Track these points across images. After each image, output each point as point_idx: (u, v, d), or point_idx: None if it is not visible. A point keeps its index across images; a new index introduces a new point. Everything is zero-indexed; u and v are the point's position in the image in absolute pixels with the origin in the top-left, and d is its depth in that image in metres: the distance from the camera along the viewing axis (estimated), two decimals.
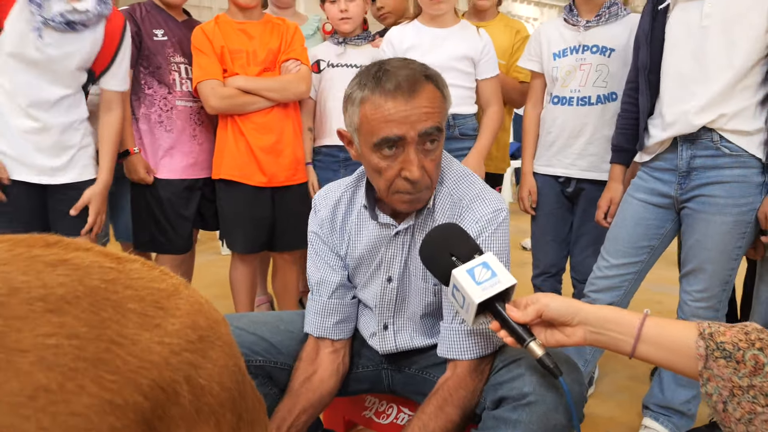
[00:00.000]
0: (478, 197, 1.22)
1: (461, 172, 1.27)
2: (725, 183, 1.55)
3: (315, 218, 1.36)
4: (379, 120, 1.11)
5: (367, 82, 1.13)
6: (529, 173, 2.10)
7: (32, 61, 1.65)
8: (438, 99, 1.15)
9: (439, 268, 1.05)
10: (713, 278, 1.61)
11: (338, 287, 1.34)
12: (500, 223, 1.19)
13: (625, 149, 1.80)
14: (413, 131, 1.10)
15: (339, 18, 2.10)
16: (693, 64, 1.56)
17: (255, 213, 2.09)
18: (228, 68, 1.99)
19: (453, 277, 1.00)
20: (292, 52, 2.05)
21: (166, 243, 2.13)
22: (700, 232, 1.60)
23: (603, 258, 1.79)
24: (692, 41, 1.55)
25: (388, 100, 1.10)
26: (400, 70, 1.12)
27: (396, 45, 2.01)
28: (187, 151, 2.09)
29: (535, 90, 2.10)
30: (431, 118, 1.12)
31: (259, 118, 2.01)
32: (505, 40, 2.25)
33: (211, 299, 0.69)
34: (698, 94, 1.55)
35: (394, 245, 1.27)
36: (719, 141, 1.55)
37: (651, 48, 1.65)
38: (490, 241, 1.18)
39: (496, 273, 0.99)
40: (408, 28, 2.04)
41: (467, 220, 1.20)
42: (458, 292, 1.00)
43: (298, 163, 2.12)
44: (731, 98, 1.52)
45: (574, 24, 1.94)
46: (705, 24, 1.53)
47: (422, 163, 1.13)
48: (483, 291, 0.97)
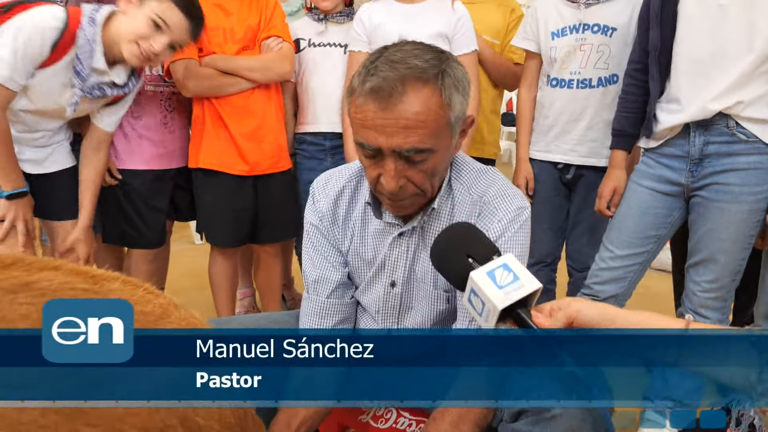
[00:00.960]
0: (501, 194, 1.12)
1: (479, 168, 1.17)
2: (740, 170, 1.50)
3: (314, 209, 1.24)
4: (358, 122, 1.00)
5: (361, 71, 1.01)
6: (525, 160, 2.01)
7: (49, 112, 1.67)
8: (433, 109, 0.98)
9: (454, 270, 0.94)
10: (725, 268, 1.57)
11: (338, 286, 1.23)
12: (523, 222, 1.11)
13: (628, 134, 1.72)
14: (389, 145, 0.98)
15: None
16: (710, 46, 1.49)
17: (237, 204, 1.97)
18: (204, 47, 1.85)
19: (471, 281, 0.89)
20: (273, 28, 1.92)
21: (137, 237, 1.99)
22: (712, 221, 1.55)
23: (607, 248, 1.72)
24: (709, 22, 1.49)
25: (368, 101, 0.98)
26: (391, 66, 0.98)
27: (366, 23, 1.92)
28: (158, 140, 1.94)
29: (531, 71, 2.00)
30: (413, 134, 0.97)
31: (239, 101, 1.88)
32: (499, 20, 2.16)
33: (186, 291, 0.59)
34: (715, 79, 1.49)
35: (397, 247, 1.17)
36: (735, 127, 1.50)
37: (662, 28, 1.57)
38: (513, 240, 1.10)
39: (519, 276, 0.88)
40: (378, 4, 1.95)
41: (489, 218, 1.11)
42: (476, 297, 0.90)
43: (281, 149, 2.00)
44: (749, 84, 1.47)
45: (574, 1, 1.85)
46: (723, 3, 1.46)
47: (405, 174, 1.01)
48: (506, 295, 0.86)
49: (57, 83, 1.60)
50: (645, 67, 1.65)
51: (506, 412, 1.03)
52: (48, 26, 1.52)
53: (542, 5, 1.94)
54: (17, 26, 1.50)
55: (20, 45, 1.49)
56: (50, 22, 1.52)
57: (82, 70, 1.58)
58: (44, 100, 1.62)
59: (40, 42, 1.51)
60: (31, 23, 1.50)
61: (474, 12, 2.09)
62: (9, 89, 1.53)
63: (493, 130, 2.29)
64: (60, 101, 1.63)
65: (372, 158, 1.02)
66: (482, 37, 2.10)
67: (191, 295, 2.62)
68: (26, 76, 1.54)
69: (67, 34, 1.54)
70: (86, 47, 1.56)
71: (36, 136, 1.70)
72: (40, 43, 1.51)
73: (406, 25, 1.85)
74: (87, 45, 1.56)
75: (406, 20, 1.88)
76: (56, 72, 1.58)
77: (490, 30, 2.13)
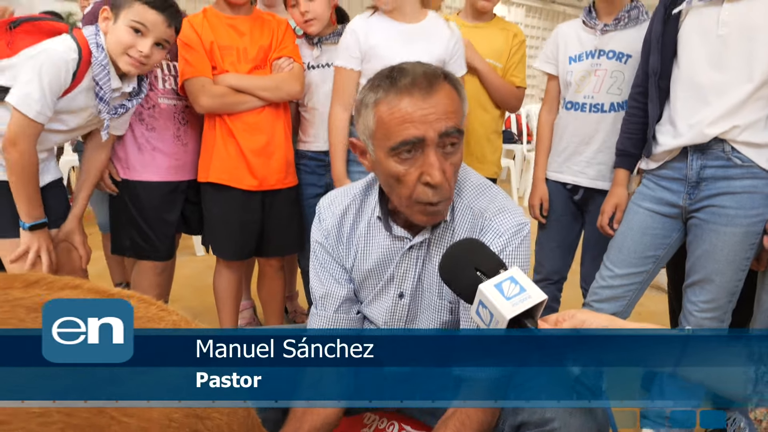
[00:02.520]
0: (501, 210, 1.16)
1: (480, 183, 1.21)
2: (735, 194, 1.54)
3: (320, 227, 1.28)
4: (396, 121, 1.04)
5: (381, 83, 1.07)
6: (541, 180, 2.05)
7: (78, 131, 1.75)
8: (456, 99, 1.09)
9: (463, 283, 0.98)
10: (721, 289, 1.60)
11: (344, 301, 1.26)
12: (524, 237, 1.15)
13: (631, 154, 1.77)
14: (433, 131, 1.04)
15: (303, 21, 2.00)
16: (710, 73, 1.53)
17: (245, 218, 2.00)
18: (218, 65, 1.90)
19: (480, 293, 0.94)
20: (284, 49, 1.96)
21: (148, 249, 2.01)
22: (709, 243, 1.58)
23: (607, 267, 1.76)
24: (708, 49, 1.53)
25: (404, 97, 1.04)
26: (416, 67, 1.06)
27: (362, 40, 1.85)
28: (170, 152, 1.98)
29: (551, 94, 2.05)
30: (451, 117, 1.05)
31: (249, 118, 1.92)
32: (502, 44, 2.20)
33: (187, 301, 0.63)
34: (713, 105, 1.52)
35: (407, 259, 1.20)
36: (731, 152, 1.53)
37: (662, 54, 1.62)
38: (514, 255, 1.13)
39: (525, 288, 0.93)
40: (374, 21, 1.89)
41: (490, 233, 1.14)
42: (485, 309, 0.94)
43: (289, 165, 2.03)
44: (744, 109, 1.50)
45: (592, 27, 1.89)
46: (722, 33, 1.50)
47: (443, 167, 1.06)
48: (513, 306, 0.90)
49: (78, 105, 1.67)
50: (646, 90, 1.69)
51: (506, 425, 1.06)
52: (68, 59, 1.60)
53: (564, 30, 1.98)
54: (40, 63, 1.57)
55: (46, 82, 1.57)
56: (69, 55, 1.60)
57: (105, 95, 1.66)
58: (76, 119, 1.70)
59: (64, 75, 1.60)
60: (52, 60, 1.58)
61: (478, 36, 2.15)
62: (38, 123, 1.60)
63: (495, 150, 2.32)
64: (85, 119, 1.71)
65: (410, 159, 1.06)
66: (485, 60, 2.14)
67: (192, 306, 2.64)
68: (53, 107, 1.61)
69: (83, 62, 1.63)
70: (102, 72, 1.64)
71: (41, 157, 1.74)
72: (64, 76, 1.60)
73: (405, 48, 1.83)
74: (102, 70, 1.64)
75: (405, 42, 1.86)
76: (75, 97, 1.65)
77: (494, 53, 2.17)
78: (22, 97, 1.56)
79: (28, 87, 1.56)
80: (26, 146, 1.59)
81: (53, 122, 1.66)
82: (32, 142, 1.61)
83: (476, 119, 2.17)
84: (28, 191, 1.64)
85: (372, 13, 1.90)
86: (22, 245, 1.67)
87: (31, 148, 1.61)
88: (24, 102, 1.56)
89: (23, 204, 1.65)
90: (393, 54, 1.76)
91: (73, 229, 1.82)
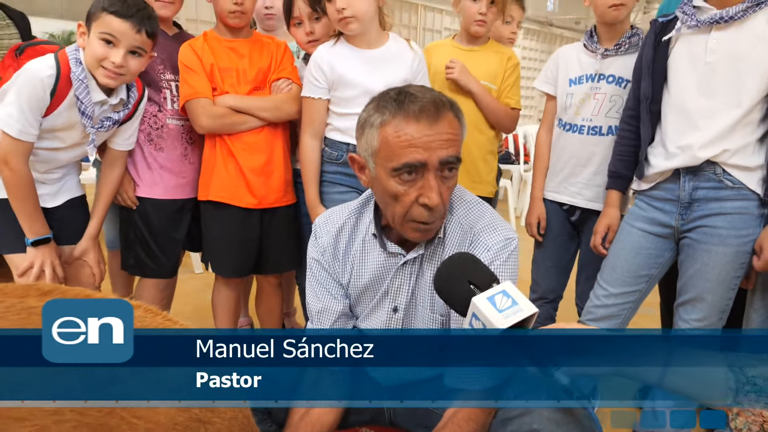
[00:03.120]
0: (489, 226, 1.20)
1: (471, 200, 1.26)
2: (727, 214, 1.58)
3: (316, 244, 1.32)
4: (401, 144, 1.09)
5: (387, 104, 1.12)
6: (539, 199, 2.08)
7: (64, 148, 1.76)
8: (458, 128, 1.14)
9: (457, 296, 1.02)
10: (712, 308, 1.63)
11: (340, 316, 1.30)
12: (511, 251, 1.18)
13: (623, 176, 1.81)
14: (435, 157, 1.09)
15: (306, 42, 2.03)
16: (699, 99, 1.57)
17: (244, 236, 2.02)
18: (218, 87, 1.94)
19: (473, 305, 0.97)
20: (283, 71, 2.01)
21: (154, 267, 2.04)
22: (700, 262, 1.62)
23: (601, 287, 1.79)
24: (697, 75, 1.57)
25: (412, 123, 1.08)
26: (424, 94, 1.11)
27: (326, 71, 1.85)
28: (178, 171, 2.02)
29: (550, 114, 2.08)
30: (453, 145, 1.11)
31: (249, 138, 1.96)
32: (497, 66, 2.23)
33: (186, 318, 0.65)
34: (703, 129, 1.57)
35: (401, 275, 1.24)
36: (722, 174, 1.57)
37: (653, 79, 1.66)
38: (502, 269, 1.17)
39: (517, 301, 0.96)
40: (336, 50, 1.88)
41: (478, 248, 1.18)
42: (478, 321, 0.97)
43: (287, 184, 2.06)
44: (734, 134, 1.55)
45: (593, 51, 1.93)
46: (710, 60, 1.55)
47: (440, 189, 1.11)
48: (505, 318, 0.94)
49: (64, 121, 1.70)
50: (638, 114, 1.73)
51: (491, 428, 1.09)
52: (44, 76, 1.63)
53: (565, 52, 2.03)
54: (19, 83, 1.62)
55: (24, 101, 1.61)
56: (45, 72, 1.63)
57: (86, 109, 1.69)
58: (72, 135, 1.74)
59: (42, 92, 1.63)
60: (28, 79, 1.62)
61: (473, 59, 2.19)
62: (24, 141, 1.64)
63: (491, 170, 2.34)
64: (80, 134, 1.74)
65: (410, 181, 1.11)
66: (480, 82, 2.19)
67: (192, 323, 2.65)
68: (37, 125, 1.65)
69: (63, 79, 1.65)
70: (81, 87, 1.67)
71: (55, 175, 1.80)
72: (42, 93, 1.63)
73: (371, 74, 1.85)
74: (81, 85, 1.67)
75: (370, 68, 1.86)
76: (60, 113, 1.68)
77: (488, 76, 2.21)
78: (4, 118, 1.61)
79: (9, 107, 1.61)
80: (17, 165, 1.63)
81: (49, 140, 1.70)
82: (22, 161, 1.64)
83: (472, 140, 2.19)
84: (27, 208, 1.68)
85: (336, 41, 1.90)
86: (26, 260, 1.71)
87: (22, 167, 1.65)
88: (6, 122, 1.61)
89: (24, 220, 1.69)
90: (361, 80, 1.82)
91: (87, 247, 1.86)
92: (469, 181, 2.29)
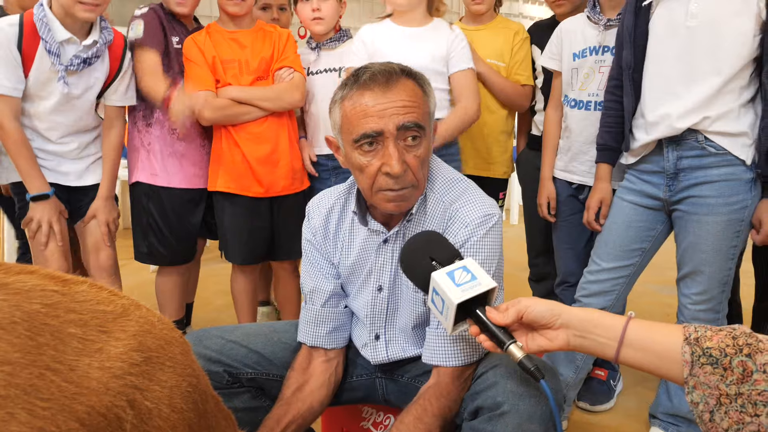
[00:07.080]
0: (469, 201, 1.20)
1: (452, 176, 1.25)
2: (714, 182, 1.52)
3: (308, 226, 1.36)
4: (357, 115, 1.11)
5: (347, 81, 1.14)
6: (548, 179, 2.03)
7: (60, 104, 1.82)
8: (418, 95, 1.14)
9: (420, 274, 1.03)
10: (711, 280, 1.57)
11: (331, 296, 1.33)
12: (490, 228, 1.17)
13: (611, 147, 1.74)
14: (391, 125, 1.09)
15: (311, 18, 2.07)
16: (678, 65, 1.51)
17: (254, 224, 2.07)
18: (220, 78, 1.98)
19: (432, 280, 0.98)
20: (285, 60, 2.03)
21: (166, 255, 2.11)
22: (693, 234, 1.56)
23: (594, 262, 1.75)
24: (677, 41, 1.51)
25: (365, 92, 1.10)
26: (377, 65, 1.13)
27: (368, 43, 1.98)
28: (196, 161, 2.09)
29: (557, 90, 2.00)
30: (411, 112, 1.11)
31: (253, 128, 2.00)
32: (504, 43, 2.20)
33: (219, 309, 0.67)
34: (683, 97, 1.51)
35: (383, 253, 1.25)
36: (704, 141, 1.51)
37: (635, 46, 1.60)
38: (480, 245, 1.16)
39: (476, 276, 0.96)
40: (381, 26, 2.01)
41: (457, 224, 1.18)
42: (437, 296, 0.98)
43: (296, 172, 2.09)
44: (715, 101, 1.48)
45: (596, 22, 1.85)
46: (690, 24, 1.48)
47: (403, 158, 1.11)
48: (462, 292, 0.94)
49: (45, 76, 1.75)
50: (622, 83, 1.67)
51: (466, 411, 1.10)
52: (8, 31, 1.69)
53: (568, 26, 1.94)
54: None
55: None
56: (7, 25, 1.70)
57: (52, 48, 1.73)
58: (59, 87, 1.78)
59: (8, 45, 1.69)
60: None
61: (478, 38, 2.17)
62: (7, 96, 1.72)
63: (504, 151, 2.30)
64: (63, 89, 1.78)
65: (371, 151, 1.12)
66: (487, 60, 2.16)
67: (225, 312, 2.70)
68: (16, 80, 1.72)
69: (27, 29, 1.71)
70: (43, 27, 1.71)
71: (71, 147, 1.89)
72: (8, 44, 1.69)
73: (407, 48, 1.93)
74: (43, 25, 1.71)
75: (407, 43, 1.95)
76: (38, 67, 1.74)
77: (495, 53, 2.18)
78: None
79: None
80: (6, 123, 1.73)
81: (45, 99, 1.78)
82: (10, 117, 1.73)
83: (482, 120, 2.14)
84: (23, 165, 1.78)
85: (384, 18, 2.02)
86: (28, 216, 1.82)
87: (9, 123, 1.73)
88: None
89: (23, 176, 1.80)
90: (396, 54, 1.83)
91: (98, 207, 1.95)
92: (482, 162, 2.27)
